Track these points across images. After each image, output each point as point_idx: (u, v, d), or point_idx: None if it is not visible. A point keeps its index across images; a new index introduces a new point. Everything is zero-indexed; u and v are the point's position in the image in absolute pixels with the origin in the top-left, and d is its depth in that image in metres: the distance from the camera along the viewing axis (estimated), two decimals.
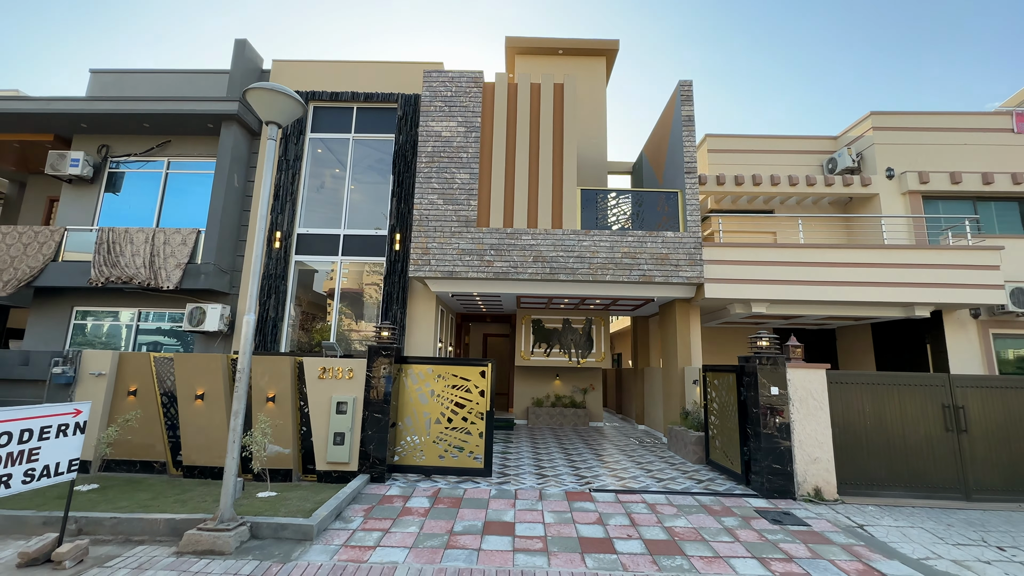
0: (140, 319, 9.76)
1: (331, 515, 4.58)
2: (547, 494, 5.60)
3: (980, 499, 5.71)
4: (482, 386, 6.43)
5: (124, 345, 9.61)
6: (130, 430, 5.81)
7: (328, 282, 9.74)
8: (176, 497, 5.05)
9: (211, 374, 6.05)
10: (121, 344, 9.65)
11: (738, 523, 4.83)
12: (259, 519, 4.29)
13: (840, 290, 8.55)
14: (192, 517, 4.29)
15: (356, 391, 6.08)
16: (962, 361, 9.13)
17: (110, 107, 9.56)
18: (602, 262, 8.48)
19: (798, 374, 5.93)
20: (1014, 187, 10.33)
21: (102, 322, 9.79)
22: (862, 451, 5.86)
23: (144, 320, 9.80)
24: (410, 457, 6.29)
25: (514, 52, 12.45)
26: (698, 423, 7.90)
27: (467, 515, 4.86)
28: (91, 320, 9.78)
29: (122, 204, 10.25)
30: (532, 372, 12.17)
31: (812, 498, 5.61)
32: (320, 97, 10.04)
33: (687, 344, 9.24)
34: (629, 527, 4.65)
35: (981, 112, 11.03)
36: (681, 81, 9.21)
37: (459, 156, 8.97)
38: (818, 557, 4.09)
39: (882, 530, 4.78)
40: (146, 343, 9.71)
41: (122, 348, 9.59)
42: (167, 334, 9.81)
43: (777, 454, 5.74)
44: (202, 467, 5.93)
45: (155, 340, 9.77)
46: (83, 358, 6.15)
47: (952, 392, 5.95)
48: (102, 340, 9.70)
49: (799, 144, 12.04)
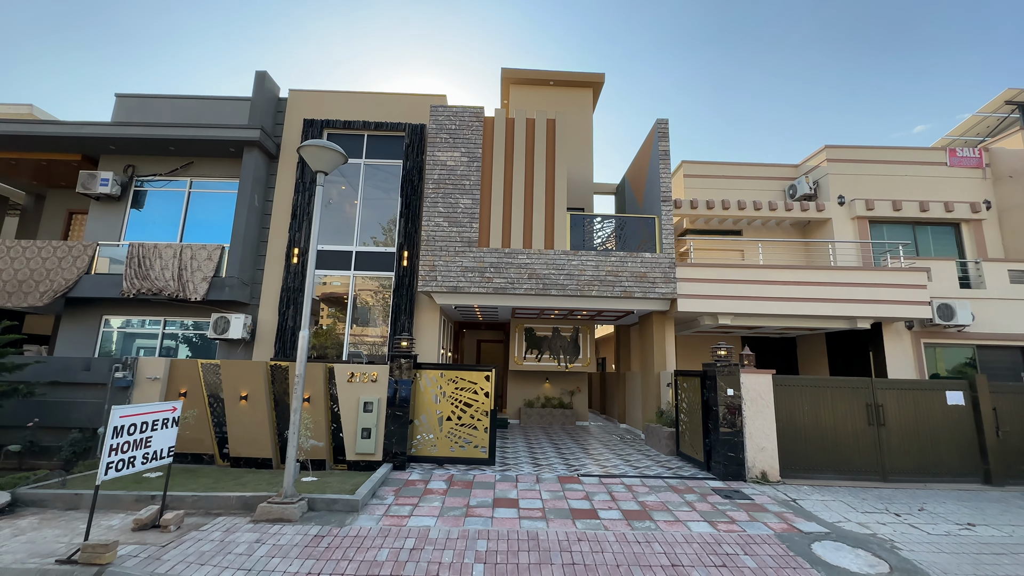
0: (165, 327, 10.61)
1: (369, 493, 5.62)
2: (543, 478, 6.71)
3: (894, 480, 7.01)
4: (487, 388, 7.52)
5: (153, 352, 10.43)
6: (185, 426, 6.74)
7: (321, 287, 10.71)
8: (233, 482, 6.02)
9: (254, 378, 7.03)
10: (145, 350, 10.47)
11: (696, 498, 6.02)
12: (314, 495, 5.31)
13: (795, 305, 9.86)
14: (258, 495, 5.29)
15: (380, 392, 7.12)
16: (899, 366, 10.52)
17: (140, 132, 10.43)
18: (588, 279, 9.66)
19: (750, 378, 7.17)
20: (946, 214, 11.85)
21: (129, 330, 10.61)
22: (801, 442, 7.12)
23: (168, 327, 10.65)
24: (425, 449, 7.35)
25: (509, 82, 13.63)
26: (670, 420, 9.10)
27: (479, 494, 5.94)
28: (119, 328, 10.59)
29: (147, 220, 11.10)
30: (524, 376, 13.29)
31: (759, 480, 6.84)
32: (334, 125, 11.04)
33: (663, 351, 10.46)
34: (610, 501, 5.79)
35: (921, 147, 12.56)
36: (658, 119, 10.46)
37: (462, 183, 10.07)
38: (754, 521, 5.29)
39: (809, 503, 6.01)
40: (170, 349, 10.55)
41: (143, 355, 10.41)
42: (190, 341, 10.66)
43: (732, 444, 6.96)
44: (247, 458, 6.90)
45: (179, 346, 10.62)
46: (140, 364, 7.07)
47: (874, 393, 7.25)
48: (129, 347, 10.52)
49: (764, 171, 13.44)
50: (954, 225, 12.21)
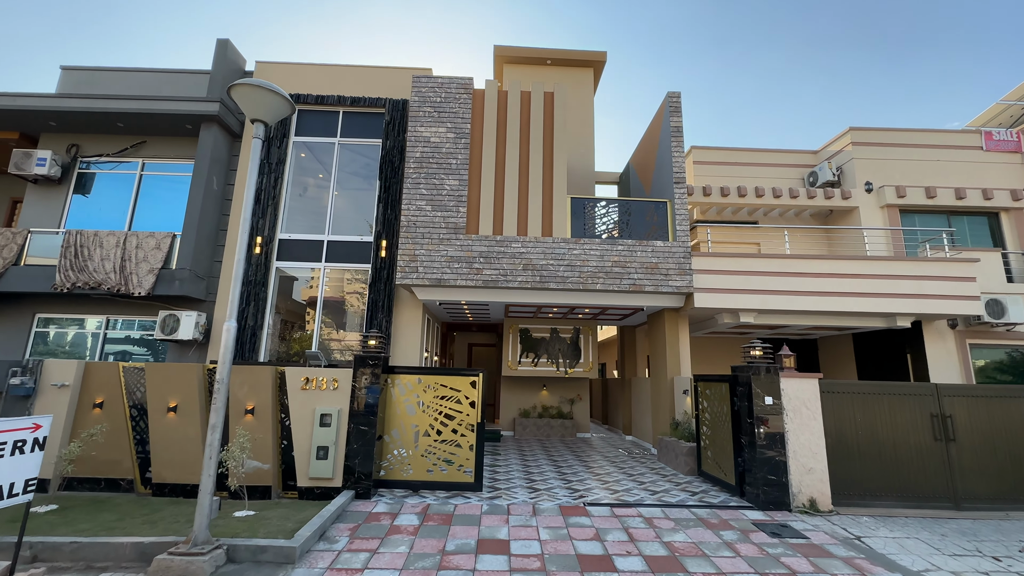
0: (109, 327, 9.27)
1: (314, 535, 4.31)
2: (541, 509, 5.41)
3: (969, 508, 5.75)
4: (472, 397, 6.23)
5: (91, 355, 9.10)
6: (95, 445, 5.41)
7: (308, 290, 9.42)
8: (145, 518, 4.69)
9: (186, 385, 5.71)
10: (87, 354, 9.13)
11: (737, 537, 4.73)
12: (236, 541, 3.99)
13: (825, 300, 8.65)
14: (162, 540, 3.97)
15: (341, 402, 5.81)
16: (941, 371, 9.31)
17: (82, 104, 9.17)
18: (592, 271, 8.41)
19: (791, 384, 5.91)
20: (984, 202, 10.71)
21: (67, 330, 9.26)
22: (855, 461, 5.86)
23: (113, 328, 9.31)
24: (397, 472, 6.03)
25: (503, 61, 12.44)
26: (689, 434, 7.83)
27: (459, 533, 4.63)
28: (55, 328, 9.24)
29: (92, 206, 9.78)
30: (519, 382, 11.98)
31: (807, 509, 5.56)
32: (305, 100, 9.80)
33: (676, 354, 9.21)
34: (628, 543, 4.49)
35: (953, 130, 11.46)
36: (670, 92, 9.29)
37: (448, 162, 8.84)
38: (821, 572, 4.01)
39: (879, 541, 4.74)
40: (114, 352, 9.21)
41: (88, 358, 9.07)
42: (138, 343, 9.33)
43: (772, 465, 5.69)
44: (173, 484, 5.56)
45: (124, 350, 9.27)
46: (44, 368, 5.74)
47: (940, 400, 6.01)
48: (66, 349, 9.17)
49: (781, 158, 12.29)
50: (992, 214, 11.07)
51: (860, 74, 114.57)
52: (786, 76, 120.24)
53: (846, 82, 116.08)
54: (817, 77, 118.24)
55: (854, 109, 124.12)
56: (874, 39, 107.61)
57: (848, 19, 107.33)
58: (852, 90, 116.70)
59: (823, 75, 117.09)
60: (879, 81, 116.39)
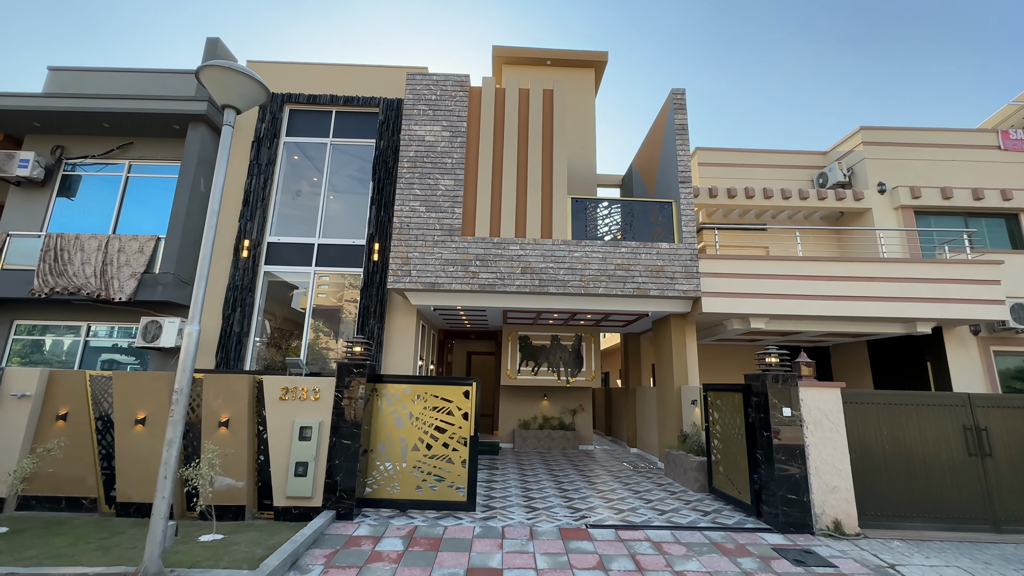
0: (90, 334, 8.88)
1: (284, 564, 3.85)
2: (539, 532, 4.94)
3: (1010, 531, 5.24)
4: (466, 408, 5.78)
5: (78, 364, 8.69)
6: (54, 462, 4.99)
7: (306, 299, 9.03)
8: (100, 543, 4.24)
9: (156, 395, 5.29)
10: (65, 362, 8.73)
11: (757, 565, 4.24)
12: (194, 572, 3.55)
13: (841, 305, 8.20)
14: (110, 571, 3.53)
15: (323, 414, 5.38)
16: (964, 379, 8.81)
17: (67, 104, 8.89)
18: (594, 274, 7.99)
19: (811, 393, 5.45)
20: (1003, 203, 10.27)
21: (46, 337, 8.88)
22: (881, 479, 5.36)
23: (95, 336, 8.93)
24: (383, 489, 5.57)
25: (501, 61, 12.14)
26: (698, 447, 7.34)
27: (447, 560, 4.17)
28: (35, 335, 8.87)
29: (77, 209, 9.46)
30: (519, 392, 11.51)
31: (832, 532, 5.06)
32: (297, 99, 9.50)
33: (683, 362, 8.74)
34: (635, 572, 4.02)
35: (968, 129, 11.05)
36: (674, 89, 8.94)
37: (443, 161, 8.48)
38: None
39: (917, 571, 4.25)
40: (97, 361, 8.81)
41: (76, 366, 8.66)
42: (125, 352, 8.93)
43: (792, 483, 5.20)
44: (139, 504, 5.11)
45: (113, 358, 8.89)
46: (5, 376, 5.33)
47: (973, 412, 5.53)
48: (45, 357, 8.79)
49: (788, 159, 11.90)
50: (1011, 216, 10.61)
51: (864, 76, 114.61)
52: (789, 79, 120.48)
53: (851, 83, 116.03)
54: (822, 80, 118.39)
55: (861, 112, 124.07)
56: (879, 41, 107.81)
57: (848, 19, 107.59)
58: (858, 93, 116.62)
59: (829, 78, 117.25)
60: (883, 83, 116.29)
